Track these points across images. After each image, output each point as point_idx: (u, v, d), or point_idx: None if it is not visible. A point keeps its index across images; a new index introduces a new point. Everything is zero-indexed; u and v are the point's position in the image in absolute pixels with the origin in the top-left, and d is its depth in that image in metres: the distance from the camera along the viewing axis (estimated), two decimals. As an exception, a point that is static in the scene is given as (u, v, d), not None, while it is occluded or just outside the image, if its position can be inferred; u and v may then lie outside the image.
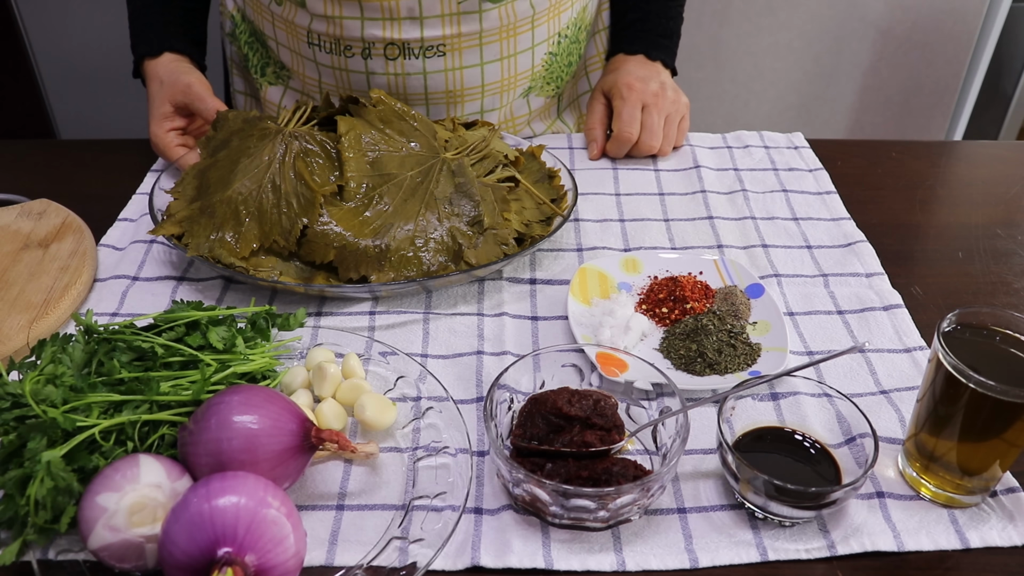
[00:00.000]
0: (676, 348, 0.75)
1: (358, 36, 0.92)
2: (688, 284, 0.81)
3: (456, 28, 0.92)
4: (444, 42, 0.93)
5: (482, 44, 0.95)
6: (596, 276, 0.83)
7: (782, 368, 0.71)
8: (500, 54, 0.97)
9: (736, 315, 0.78)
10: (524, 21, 0.96)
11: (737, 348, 0.74)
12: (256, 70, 1.07)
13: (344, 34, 0.93)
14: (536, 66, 1.02)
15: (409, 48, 0.92)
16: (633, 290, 0.83)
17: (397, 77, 0.95)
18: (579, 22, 1.05)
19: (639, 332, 0.77)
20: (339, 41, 0.93)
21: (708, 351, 0.73)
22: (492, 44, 0.95)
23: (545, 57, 1.02)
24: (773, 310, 0.78)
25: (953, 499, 0.62)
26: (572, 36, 1.05)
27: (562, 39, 1.03)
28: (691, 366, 0.73)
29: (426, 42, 0.92)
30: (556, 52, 1.03)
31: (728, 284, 0.82)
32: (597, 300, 0.80)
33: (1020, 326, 0.60)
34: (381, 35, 0.92)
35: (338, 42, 0.93)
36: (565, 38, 1.03)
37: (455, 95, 0.98)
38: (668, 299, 0.80)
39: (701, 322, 0.75)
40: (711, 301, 0.80)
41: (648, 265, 0.85)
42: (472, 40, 0.94)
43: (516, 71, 1.00)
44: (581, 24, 1.06)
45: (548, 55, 1.02)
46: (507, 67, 0.98)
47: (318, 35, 0.94)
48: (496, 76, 0.98)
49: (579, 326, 0.77)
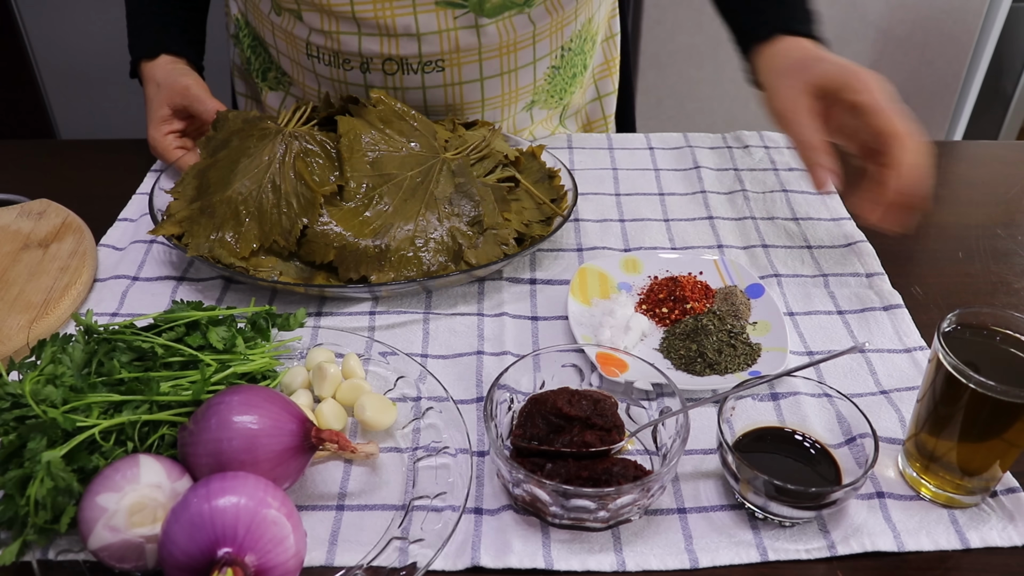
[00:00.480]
0: (676, 348, 0.75)
1: (356, 51, 0.92)
2: (688, 284, 0.81)
3: (454, 44, 0.91)
4: (443, 57, 0.92)
5: (481, 60, 0.93)
6: (596, 276, 0.83)
7: (782, 368, 0.71)
8: (500, 69, 0.95)
9: (736, 315, 0.78)
10: (525, 36, 0.94)
11: (737, 348, 0.74)
12: (258, 74, 1.07)
13: (342, 48, 0.92)
14: (538, 80, 1.00)
15: (407, 64, 0.92)
16: (633, 290, 0.83)
17: (396, 91, 0.94)
18: (584, 34, 1.03)
19: (639, 332, 0.76)
20: (337, 55, 0.93)
21: (708, 351, 0.73)
22: (492, 60, 0.94)
23: (547, 71, 1.00)
24: (773, 310, 0.78)
25: (953, 499, 0.62)
26: (576, 48, 1.03)
27: (565, 52, 1.01)
28: (691, 366, 0.73)
29: (424, 58, 0.91)
30: (559, 66, 1.02)
31: (728, 284, 0.82)
32: (597, 300, 0.80)
33: (1020, 326, 0.60)
34: (378, 51, 0.91)
35: (336, 55, 0.93)
36: (569, 51, 1.02)
37: (455, 109, 0.97)
38: (668, 299, 0.80)
39: (701, 322, 0.75)
40: (711, 301, 0.80)
41: (648, 265, 0.85)
42: (471, 56, 0.93)
43: (517, 86, 0.98)
44: (587, 35, 1.04)
45: (551, 69, 1.01)
46: (507, 82, 0.97)
47: (316, 47, 0.94)
48: (496, 91, 0.97)
49: (579, 326, 0.76)
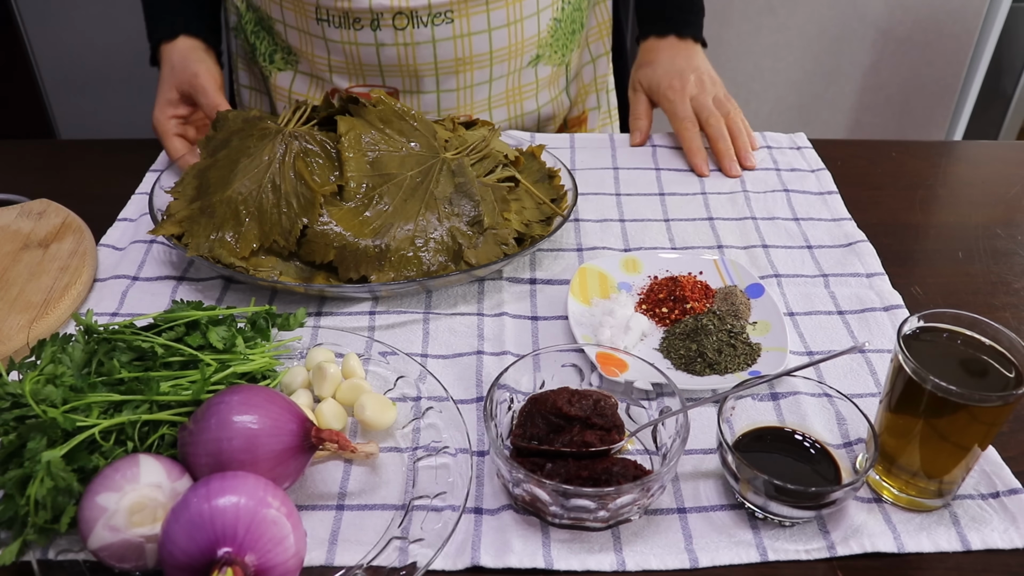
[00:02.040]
0: (676, 348, 0.75)
1: (366, 7, 0.94)
2: (688, 284, 0.81)
3: None
4: (451, 8, 0.95)
5: (489, 10, 0.97)
6: (596, 276, 0.83)
7: (782, 368, 0.71)
8: (507, 19, 0.99)
9: (736, 315, 0.78)
10: None
11: (737, 348, 0.74)
12: (264, 58, 1.08)
13: (352, 6, 0.94)
14: (542, 32, 1.04)
15: (417, 16, 0.95)
16: (633, 290, 0.83)
17: (407, 48, 0.97)
18: None
19: (639, 332, 0.76)
20: (348, 14, 0.95)
21: (708, 351, 0.73)
22: (499, 10, 0.98)
23: (550, 24, 1.05)
24: (773, 310, 0.78)
25: (916, 502, 0.62)
26: (575, 3, 1.08)
27: (565, 5, 1.06)
28: (691, 366, 0.73)
29: (434, 9, 0.95)
30: (560, 19, 1.06)
31: (728, 284, 0.82)
32: (597, 300, 0.80)
33: (983, 328, 0.60)
34: (389, 4, 0.94)
35: (347, 15, 0.95)
36: (568, 4, 1.07)
37: (464, 63, 1.00)
38: (668, 299, 0.80)
39: (701, 322, 0.75)
40: (711, 301, 0.80)
41: (648, 265, 0.85)
42: (479, 5, 0.96)
43: (523, 36, 1.02)
44: None
45: (553, 21, 1.05)
46: (514, 33, 1.01)
47: (327, 10, 0.96)
48: (504, 42, 1.01)
49: (579, 326, 0.76)
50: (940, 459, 0.59)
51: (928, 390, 0.56)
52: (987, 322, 0.59)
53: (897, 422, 0.60)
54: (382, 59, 0.99)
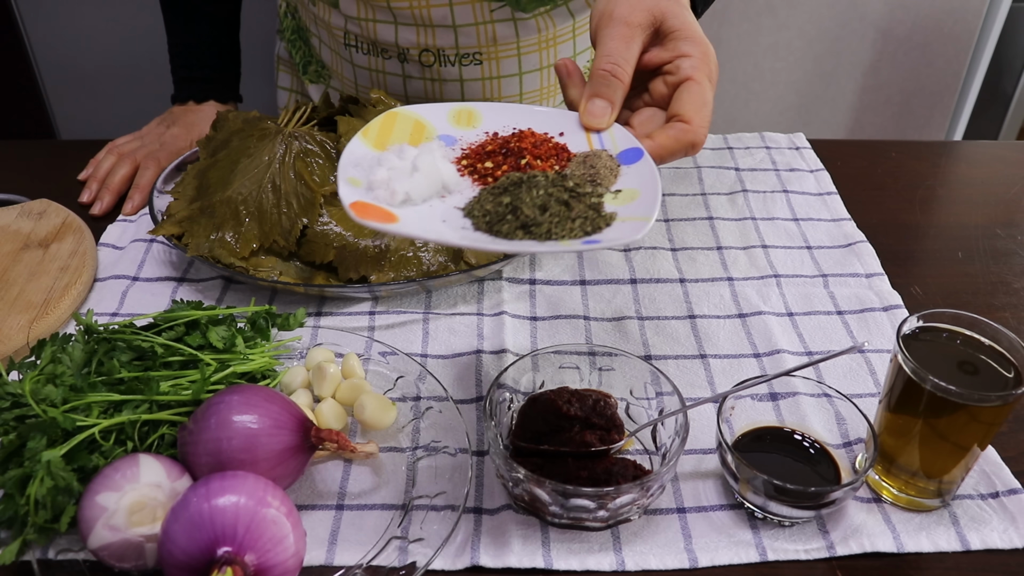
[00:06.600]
0: (483, 204, 0.53)
1: (392, 41, 0.91)
2: (532, 139, 0.59)
3: (491, 36, 0.89)
4: (480, 50, 0.90)
5: (520, 54, 0.92)
6: (409, 123, 0.60)
7: (781, 369, 0.71)
8: (540, 64, 0.94)
9: (594, 181, 0.56)
10: (564, 31, 0.93)
11: (573, 209, 0.52)
12: (300, 68, 1.07)
13: (379, 38, 0.91)
14: None
15: (444, 55, 0.91)
16: (457, 145, 0.60)
17: (434, 83, 0.93)
18: None
19: (434, 182, 0.55)
20: (375, 44, 0.92)
21: (524, 206, 0.52)
22: (531, 54, 0.92)
23: (587, 66, 0.99)
24: (648, 177, 0.55)
25: (915, 502, 0.62)
26: None
27: None
28: (496, 226, 0.52)
29: (461, 49, 0.90)
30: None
31: (596, 148, 0.59)
32: (396, 147, 0.57)
33: (983, 328, 0.60)
34: (415, 40, 0.90)
35: (374, 45, 0.92)
36: None
37: None
38: (498, 153, 0.58)
39: (530, 176, 0.55)
40: (563, 164, 0.57)
41: (489, 120, 0.61)
42: (510, 49, 0.91)
43: (555, 80, 0.97)
44: None
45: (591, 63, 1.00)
46: (547, 77, 0.96)
47: (355, 36, 0.93)
48: (535, 85, 0.96)
49: (352, 167, 0.54)
50: (939, 459, 0.60)
51: (927, 390, 0.56)
52: (986, 322, 0.60)
53: (896, 422, 0.60)
54: (408, 90, 0.96)
